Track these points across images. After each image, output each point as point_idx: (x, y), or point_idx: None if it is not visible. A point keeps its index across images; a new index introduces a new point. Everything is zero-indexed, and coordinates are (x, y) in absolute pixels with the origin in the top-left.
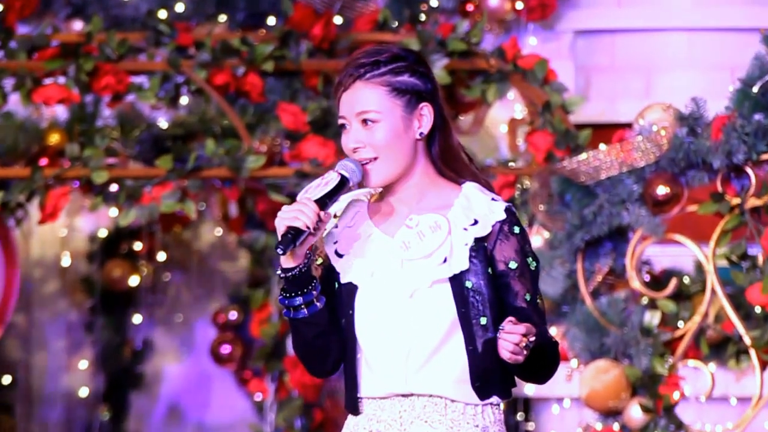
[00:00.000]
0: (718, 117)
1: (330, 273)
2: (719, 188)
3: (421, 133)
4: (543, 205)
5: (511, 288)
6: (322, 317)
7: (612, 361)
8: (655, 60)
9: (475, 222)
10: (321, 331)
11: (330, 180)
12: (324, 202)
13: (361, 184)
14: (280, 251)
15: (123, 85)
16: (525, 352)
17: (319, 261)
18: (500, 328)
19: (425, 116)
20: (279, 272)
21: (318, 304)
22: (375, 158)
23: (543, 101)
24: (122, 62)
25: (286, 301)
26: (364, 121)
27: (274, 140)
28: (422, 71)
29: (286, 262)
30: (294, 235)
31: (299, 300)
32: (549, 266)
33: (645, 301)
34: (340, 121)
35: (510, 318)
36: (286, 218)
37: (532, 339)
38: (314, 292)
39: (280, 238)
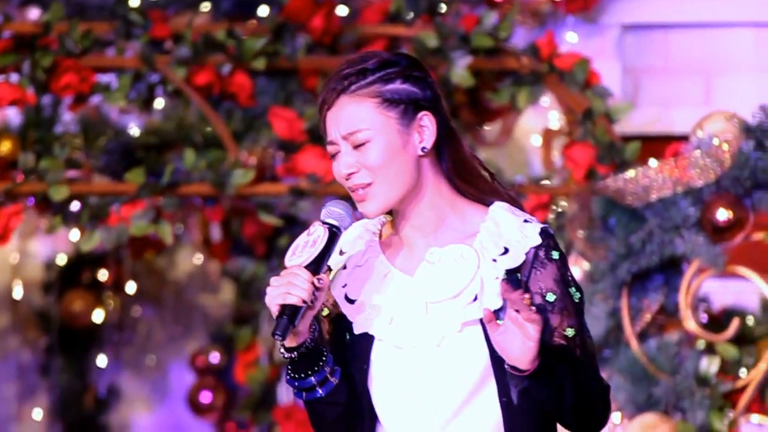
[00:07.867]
0: None
1: (340, 323)
2: None
3: (423, 148)
4: (582, 231)
5: (549, 325)
6: (341, 392)
7: (662, 416)
8: (717, 61)
9: (506, 251)
10: (343, 409)
11: (318, 237)
12: (317, 264)
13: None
14: (278, 338)
15: (87, 85)
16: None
17: (326, 312)
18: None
19: (426, 127)
20: (282, 351)
21: (333, 379)
22: (370, 183)
23: (583, 108)
24: (86, 57)
25: (296, 383)
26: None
27: (266, 151)
28: (418, 75)
29: (289, 342)
30: (290, 315)
31: (311, 380)
32: (589, 303)
33: (701, 345)
34: (329, 148)
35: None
36: (276, 296)
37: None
38: (327, 368)
39: (275, 322)
